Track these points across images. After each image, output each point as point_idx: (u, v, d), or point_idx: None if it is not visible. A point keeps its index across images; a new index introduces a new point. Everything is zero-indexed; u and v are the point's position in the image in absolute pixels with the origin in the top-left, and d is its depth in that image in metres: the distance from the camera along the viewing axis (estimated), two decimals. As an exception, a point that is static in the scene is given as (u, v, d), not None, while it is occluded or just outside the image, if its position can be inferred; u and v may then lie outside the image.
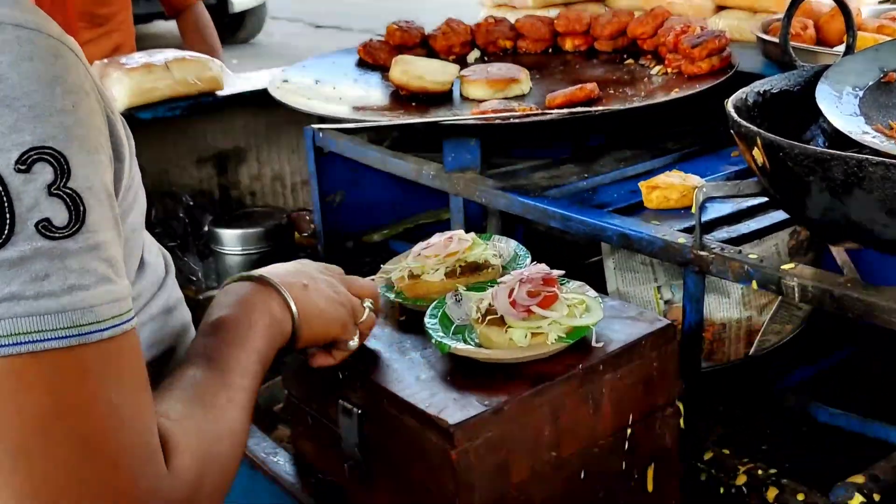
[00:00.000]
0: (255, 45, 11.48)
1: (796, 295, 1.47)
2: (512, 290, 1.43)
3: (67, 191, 0.90)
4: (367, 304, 1.45)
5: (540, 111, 2.13)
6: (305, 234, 3.12)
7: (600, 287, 2.17)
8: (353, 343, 1.42)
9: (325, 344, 1.40)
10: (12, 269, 0.87)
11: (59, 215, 0.89)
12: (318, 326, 1.32)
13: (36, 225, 0.88)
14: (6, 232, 0.87)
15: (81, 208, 0.91)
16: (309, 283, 1.31)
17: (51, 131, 0.89)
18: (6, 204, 0.87)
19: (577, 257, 2.40)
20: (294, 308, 1.26)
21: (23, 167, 0.88)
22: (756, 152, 1.44)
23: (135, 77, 2.62)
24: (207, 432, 1.05)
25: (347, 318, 1.38)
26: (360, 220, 2.80)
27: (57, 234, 0.89)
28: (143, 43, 3.34)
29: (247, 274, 1.28)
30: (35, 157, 0.88)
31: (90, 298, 0.91)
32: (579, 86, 2.15)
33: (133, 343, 0.96)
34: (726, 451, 1.70)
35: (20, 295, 0.87)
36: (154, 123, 2.62)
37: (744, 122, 1.47)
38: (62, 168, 0.90)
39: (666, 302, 2.11)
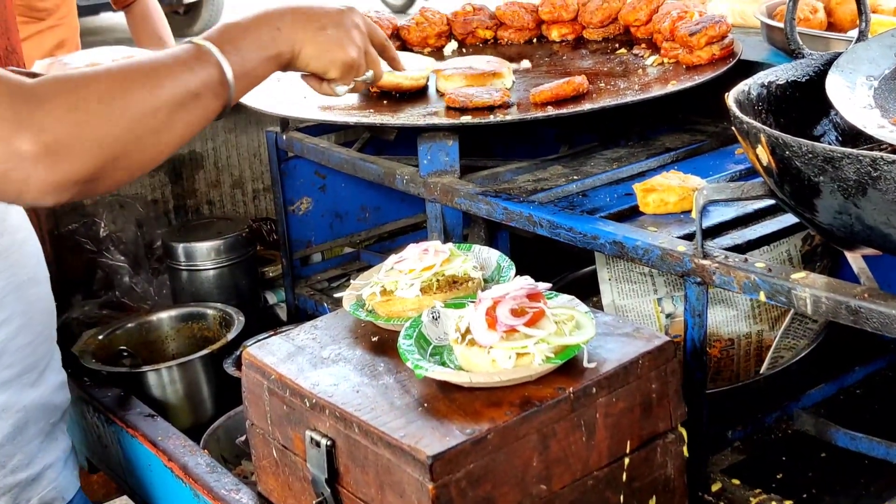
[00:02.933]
0: (213, 37, 11.44)
1: (808, 307, 1.47)
2: (490, 309, 1.42)
3: None
4: (368, 74, 1.71)
5: (509, 107, 2.12)
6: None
7: (596, 301, 2.17)
8: (341, 90, 1.71)
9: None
10: None
11: None
12: (319, 58, 1.61)
13: None
14: None
15: None
16: (322, 23, 1.60)
17: None
18: None
19: (568, 267, 2.40)
20: (229, 71, 1.47)
21: None
22: (760, 151, 1.43)
23: (78, 77, 2.60)
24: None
25: (351, 64, 1.66)
26: (329, 230, 2.80)
27: None
28: (90, 37, 3.33)
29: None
30: None
31: None
32: (567, 79, 2.15)
33: None
34: (736, 482, 1.69)
35: None
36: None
37: (746, 118, 1.47)
38: None
39: (668, 315, 2.10)
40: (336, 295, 1.85)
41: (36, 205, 1.38)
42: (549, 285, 1.51)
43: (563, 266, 2.39)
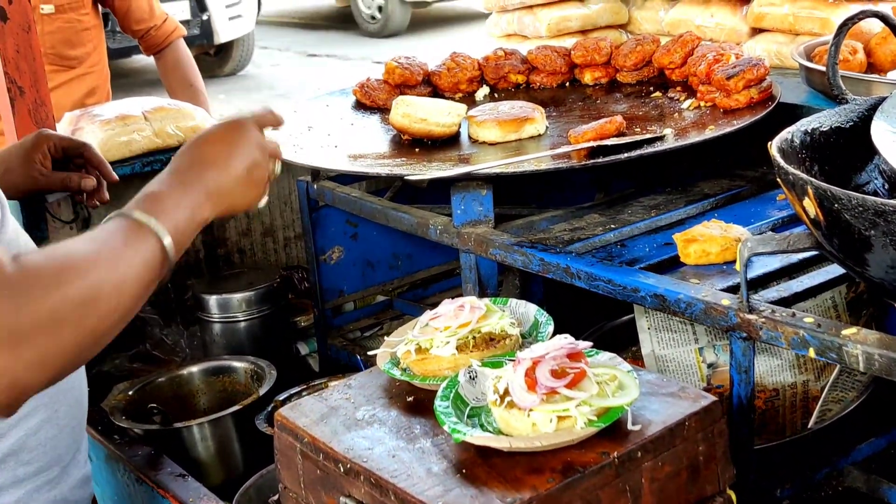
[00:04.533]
0: (243, 77, 11.55)
1: (861, 364, 1.42)
2: (529, 370, 1.38)
3: None
4: (278, 166, 1.67)
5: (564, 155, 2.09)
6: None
7: (635, 350, 2.12)
8: (264, 201, 1.65)
9: None
10: None
11: None
12: (232, 206, 1.55)
13: None
14: None
15: None
16: (224, 174, 1.52)
17: None
18: None
19: (606, 314, 2.35)
20: (168, 244, 1.39)
21: None
22: (807, 203, 1.39)
23: (109, 130, 2.60)
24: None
25: (260, 188, 1.60)
26: (361, 278, 2.76)
27: None
28: (122, 79, 3.33)
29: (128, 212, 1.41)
30: None
31: None
32: (608, 119, 2.11)
33: None
34: (786, 542, 1.63)
35: None
36: (132, 179, 2.59)
37: (791, 170, 1.42)
38: None
39: (709, 366, 2.05)
40: (370, 353, 1.81)
41: None
42: (589, 344, 1.47)
43: (600, 313, 2.34)
